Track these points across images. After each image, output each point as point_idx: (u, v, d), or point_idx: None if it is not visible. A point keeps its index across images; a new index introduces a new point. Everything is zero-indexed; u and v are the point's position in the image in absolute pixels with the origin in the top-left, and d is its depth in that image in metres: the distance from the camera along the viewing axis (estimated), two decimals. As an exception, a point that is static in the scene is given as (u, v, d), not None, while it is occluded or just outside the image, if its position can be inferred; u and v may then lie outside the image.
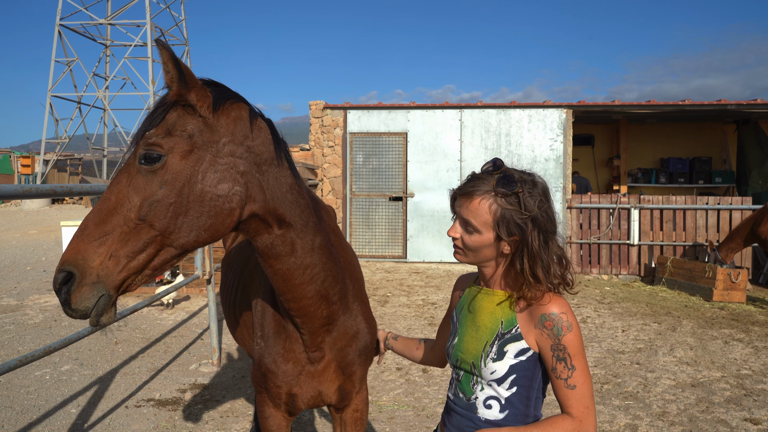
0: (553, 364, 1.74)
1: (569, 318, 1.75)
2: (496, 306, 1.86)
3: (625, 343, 6.92)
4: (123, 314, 4.24)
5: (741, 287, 9.27)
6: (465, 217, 1.79)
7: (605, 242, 11.62)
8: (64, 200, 33.94)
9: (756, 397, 5.23)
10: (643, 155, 15.72)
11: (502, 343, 1.81)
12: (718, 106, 12.01)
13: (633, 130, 15.49)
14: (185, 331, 7.53)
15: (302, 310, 2.13)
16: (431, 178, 12.41)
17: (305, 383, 2.31)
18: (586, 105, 12.26)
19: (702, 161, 15.04)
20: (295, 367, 2.28)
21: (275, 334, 2.30)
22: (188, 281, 5.84)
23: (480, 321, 1.89)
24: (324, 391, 2.36)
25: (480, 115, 12.24)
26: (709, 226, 11.30)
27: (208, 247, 6.06)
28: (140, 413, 4.90)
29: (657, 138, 15.64)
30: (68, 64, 38.38)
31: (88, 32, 39.84)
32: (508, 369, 1.79)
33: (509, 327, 1.81)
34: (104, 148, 43.60)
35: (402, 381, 5.64)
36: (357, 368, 2.41)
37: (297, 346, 2.27)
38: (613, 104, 12.31)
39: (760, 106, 11.84)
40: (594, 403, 1.74)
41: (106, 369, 6.01)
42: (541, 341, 1.76)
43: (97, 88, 39.84)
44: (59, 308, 8.64)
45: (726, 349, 6.69)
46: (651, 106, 12.20)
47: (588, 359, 6.25)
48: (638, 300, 9.43)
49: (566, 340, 1.73)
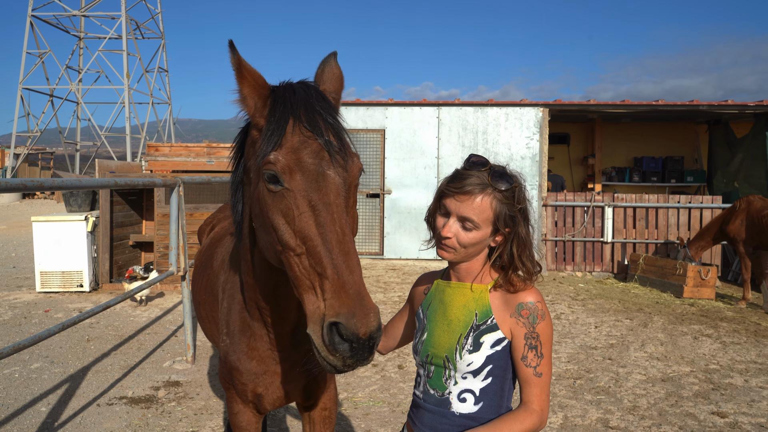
0: (525, 352, 1.79)
1: (543, 308, 1.82)
2: (469, 299, 1.88)
3: (598, 339, 7.03)
4: (94, 311, 4.18)
5: (710, 284, 9.47)
6: (465, 214, 1.80)
7: (580, 240, 11.77)
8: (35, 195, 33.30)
9: (723, 391, 5.35)
10: (617, 154, 15.94)
11: (477, 334, 1.83)
12: (690, 107, 12.22)
13: (608, 129, 15.70)
14: (159, 328, 7.45)
15: (281, 313, 2.14)
16: (409, 175, 12.43)
17: (270, 383, 2.30)
18: (562, 104, 12.39)
19: (674, 161, 15.30)
20: (260, 366, 2.27)
21: (240, 331, 2.29)
22: (162, 278, 5.78)
23: (452, 314, 1.90)
24: (290, 391, 2.35)
25: (458, 112, 12.29)
26: (681, 224, 11.52)
27: (183, 243, 6.01)
28: (112, 411, 4.84)
29: (631, 137, 15.86)
30: (40, 56, 37.65)
31: (61, 24, 39.11)
32: (485, 360, 1.82)
33: (484, 318, 1.84)
34: (77, 142, 42.88)
35: (377, 377, 5.66)
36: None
37: (262, 344, 2.26)
38: (588, 103, 12.46)
39: (731, 107, 12.07)
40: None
41: (77, 367, 5.92)
42: (515, 329, 1.81)
43: (70, 81, 39.15)
44: (29, 305, 8.49)
45: (695, 345, 6.83)
46: (625, 106, 12.37)
47: (561, 355, 6.35)
48: (611, 297, 9.58)
49: (540, 329, 1.79)
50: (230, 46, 1.70)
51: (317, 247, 1.55)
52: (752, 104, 11.92)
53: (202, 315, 2.94)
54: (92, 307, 4.33)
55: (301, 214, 1.59)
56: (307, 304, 1.56)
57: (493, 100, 12.30)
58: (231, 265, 2.43)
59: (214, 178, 6.89)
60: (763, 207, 8.83)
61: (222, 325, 2.39)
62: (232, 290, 2.36)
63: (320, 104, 1.72)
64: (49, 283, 9.32)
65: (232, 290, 2.36)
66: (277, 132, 1.66)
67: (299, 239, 1.59)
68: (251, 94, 1.73)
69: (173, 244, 5.96)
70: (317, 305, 1.53)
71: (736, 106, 12.02)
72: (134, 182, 4.75)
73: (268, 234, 1.71)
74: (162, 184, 5.65)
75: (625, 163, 15.92)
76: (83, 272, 9.34)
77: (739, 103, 11.99)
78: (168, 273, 5.85)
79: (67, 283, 9.33)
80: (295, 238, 1.59)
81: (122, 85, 37.46)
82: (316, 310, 1.53)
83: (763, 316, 8.42)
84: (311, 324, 1.53)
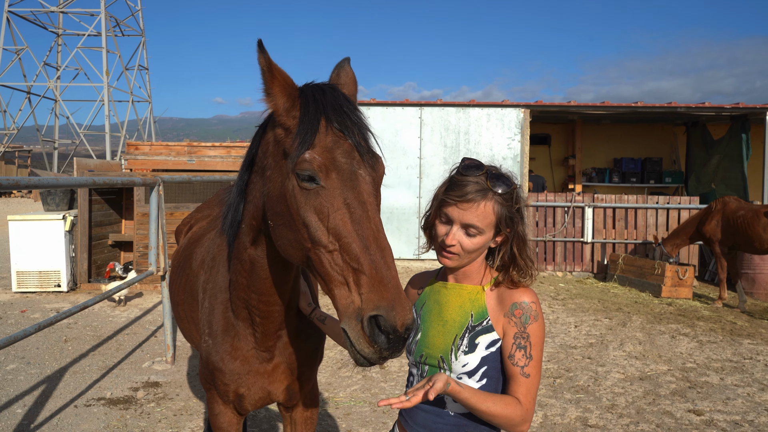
0: (512, 351, 1.79)
1: (537, 308, 1.82)
2: (465, 300, 1.89)
3: (578, 338, 7.10)
4: (72, 311, 4.12)
5: (688, 284, 9.62)
6: (469, 221, 1.80)
7: (560, 240, 11.88)
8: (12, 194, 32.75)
9: (699, 390, 5.44)
10: (597, 155, 16.11)
11: (473, 335, 1.83)
12: (668, 109, 12.39)
13: (588, 130, 15.86)
14: (138, 329, 7.37)
15: (271, 313, 2.15)
16: (391, 175, 12.44)
17: (253, 383, 2.30)
18: (543, 105, 12.49)
19: (653, 162, 15.51)
20: (243, 366, 2.27)
21: (223, 331, 2.28)
22: (142, 277, 5.72)
23: (447, 315, 1.90)
24: (272, 391, 2.35)
25: (440, 113, 12.33)
26: (659, 224, 11.68)
27: (163, 243, 5.95)
28: (90, 413, 4.78)
29: (611, 138, 16.05)
30: (17, 52, 37.05)
31: (39, 20, 38.50)
32: (480, 361, 1.82)
33: (480, 319, 1.85)
34: (55, 140, 42.25)
35: (359, 377, 5.66)
36: (306, 369, 2.41)
37: (246, 344, 2.25)
38: (569, 105, 12.58)
39: (708, 109, 12.27)
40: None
41: (54, 368, 5.83)
42: (507, 328, 1.81)
43: (48, 78, 38.57)
44: (5, 305, 8.35)
45: (673, 344, 6.93)
46: (605, 108, 12.51)
47: (541, 354, 6.41)
48: (591, 296, 9.68)
49: (531, 329, 1.79)
50: (259, 45, 1.71)
51: (353, 244, 1.58)
52: (728, 106, 12.13)
53: (180, 315, 2.91)
54: (70, 307, 4.27)
55: (336, 212, 1.62)
56: (339, 299, 1.58)
57: (475, 101, 12.37)
58: (212, 265, 2.41)
59: (195, 177, 6.83)
60: (738, 208, 8.99)
61: (203, 326, 2.37)
62: (214, 290, 2.35)
63: (347, 105, 1.75)
64: (26, 283, 9.18)
65: (214, 290, 2.34)
66: (310, 132, 1.68)
67: (332, 236, 1.61)
68: (280, 93, 1.74)
69: (153, 243, 5.90)
70: (351, 300, 1.55)
71: (713, 108, 12.22)
72: (113, 181, 4.70)
73: (294, 232, 1.72)
74: (141, 183, 5.59)
75: (605, 164, 16.10)
76: (61, 272, 9.21)
77: (715, 105, 12.19)
78: (147, 273, 5.79)
79: (44, 283, 9.19)
80: (328, 235, 1.62)
81: (101, 83, 36.98)
82: (350, 304, 1.55)
83: (738, 315, 8.57)
84: (345, 318, 1.55)
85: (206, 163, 10.41)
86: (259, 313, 2.16)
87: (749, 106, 12.02)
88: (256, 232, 1.99)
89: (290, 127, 1.73)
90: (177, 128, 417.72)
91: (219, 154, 10.54)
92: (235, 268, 2.15)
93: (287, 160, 1.72)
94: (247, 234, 2.02)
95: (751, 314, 8.64)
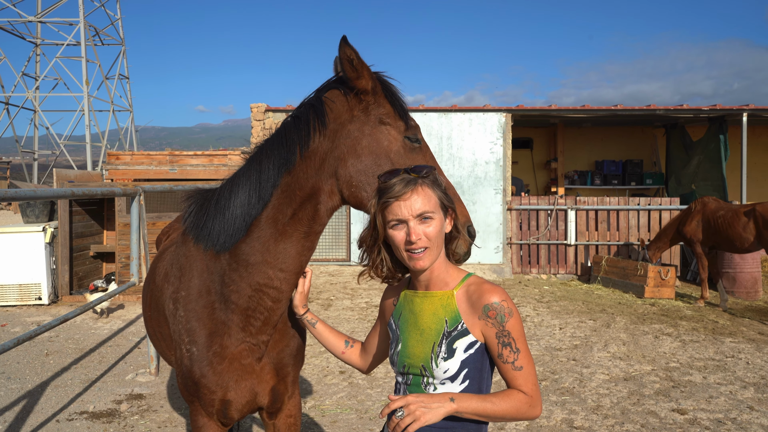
0: (500, 350, 1.84)
1: (509, 305, 1.86)
2: (438, 306, 1.92)
3: (563, 341, 7.14)
4: (52, 324, 4.07)
5: (670, 284, 9.72)
6: (419, 209, 1.84)
7: (544, 243, 11.95)
8: (-9, 206, 32.21)
9: (683, 389, 5.49)
10: (579, 158, 16.25)
11: (450, 341, 1.86)
12: (648, 111, 12.54)
13: (569, 133, 16.00)
14: (121, 340, 7.29)
15: (283, 295, 2.21)
16: (375, 181, 12.44)
17: (240, 384, 2.27)
18: (525, 109, 12.58)
19: (634, 164, 15.68)
20: (231, 365, 2.24)
21: (210, 334, 2.23)
22: (123, 288, 5.66)
23: (423, 324, 1.92)
24: (259, 392, 2.32)
25: (422, 118, 12.36)
26: (641, 225, 11.80)
27: (145, 253, 5.90)
28: (73, 427, 4.71)
29: (592, 141, 16.20)
30: (-5, 62, 36.55)
31: (17, 30, 38.01)
32: (460, 365, 1.85)
33: (454, 324, 1.87)
34: (35, 151, 41.69)
35: (345, 384, 5.64)
36: (291, 369, 2.41)
37: (235, 340, 2.23)
38: (549, 108, 12.68)
39: (686, 111, 12.44)
40: (538, 385, 1.88)
41: (35, 382, 5.75)
42: (486, 330, 1.85)
43: (26, 88, 38.11)
44: (-15, 320, 8.21)
45: (656, 344, 6.99)
46: (586, 111, 12.63)
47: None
48: (575, 298, 9.75)
49: (509, 326, 1.84)
50: (344, 40, 2.04)
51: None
52: (706, 108, 12.30)
53: (150, 332, 2.86)
54: (51, 320, 4.21)
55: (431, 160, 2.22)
56: None
57: (457, 106, 12.42)
58: (181, 275, 2.33)
59: (177, 187, 6.77)
60: (717, 208, 9.11)
61: (181, 336, 2.29)
62: (189, 297, 2.28)
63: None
64: (6, 296, 9.04)
65: (189, 297, 2.27)
66: (405, 106, 2.21)
67: None
68: (368, 77, 2.14)
69: (134, 254, 5.85)
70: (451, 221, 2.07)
71: (691, 111, 12.39)
72: (93, 191, 4.65)
73: None
74: (122, 193, 5.54)
75: (587, 167, 16.24)
76: (42, 284, 9.09)
77: (694, 108, 12.36)
78: (129, 284, 5.74)
79: (24, 296, 9.06)
80: None
81: (81, 93, 36.58)
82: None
83: (720, 314, 8.68)
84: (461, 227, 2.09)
85: (188, 172, 10.35)
86: (272, 298, 2.17)
87: (726, 107, 12.20)
88: (299, 202, 2.12)
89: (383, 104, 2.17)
90: (159, 137, 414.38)
91: (201, 163, 10.49)
92: (254, 248, 2.14)
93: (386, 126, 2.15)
94: (288, 206, 2.12)
95: (732, 313, 8.75)
